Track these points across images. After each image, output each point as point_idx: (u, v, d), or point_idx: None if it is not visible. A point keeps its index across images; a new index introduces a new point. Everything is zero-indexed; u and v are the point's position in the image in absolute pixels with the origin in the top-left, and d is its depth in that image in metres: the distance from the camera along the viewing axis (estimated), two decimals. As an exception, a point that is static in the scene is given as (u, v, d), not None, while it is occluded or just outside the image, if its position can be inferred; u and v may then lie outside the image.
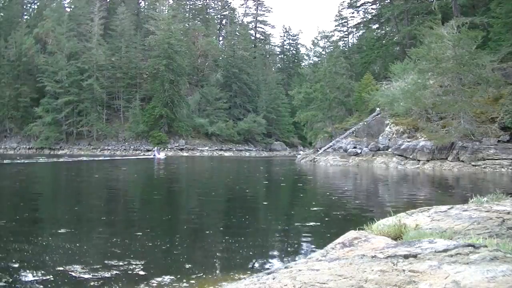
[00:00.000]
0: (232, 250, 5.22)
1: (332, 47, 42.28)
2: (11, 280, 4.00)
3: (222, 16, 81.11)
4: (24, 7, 70.01)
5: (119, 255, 4.81)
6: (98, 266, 4.35)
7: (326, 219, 7.75)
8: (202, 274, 4.13)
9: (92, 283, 3.87)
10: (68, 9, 64.50)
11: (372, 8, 53.79)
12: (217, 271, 4.20)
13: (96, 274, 4.09)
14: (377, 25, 51.99)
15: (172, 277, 4.02)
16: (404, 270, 2.29)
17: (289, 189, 14.52)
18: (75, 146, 54.02)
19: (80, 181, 16.23)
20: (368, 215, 7.19)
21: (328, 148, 32.34)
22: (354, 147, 29.29)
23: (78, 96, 54.50)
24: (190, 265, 4.50)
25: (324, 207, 9.28)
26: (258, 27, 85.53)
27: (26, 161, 28.82)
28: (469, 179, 16.37)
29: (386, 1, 47.02)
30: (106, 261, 4.49)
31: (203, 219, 7.85)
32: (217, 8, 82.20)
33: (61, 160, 32.16)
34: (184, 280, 3.95)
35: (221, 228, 7.02)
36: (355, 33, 60.37)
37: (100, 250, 5.22)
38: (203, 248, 5.38)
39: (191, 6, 78.25)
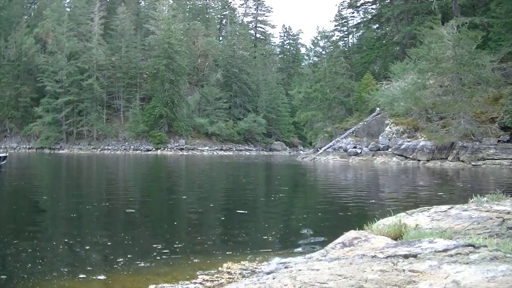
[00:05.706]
0: (231, 250, 5.22)
1: (332, 47, 42.28)
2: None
3: (222, 16, 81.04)
4: (24, 7, 69.98)
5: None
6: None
7: (326, 218, 7.75)
8: (201, 273, 4.13)
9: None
10: (68, 9, 64.41)
11: (372, 8, 53.79)
12: (217, 271, 4.20)
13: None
14: (377, 25, 52.00)
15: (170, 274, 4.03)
16: (404, 270, 2.29)
17: (289, 189, 14.52)
18: (75, 146, 54.06)
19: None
20: (368, 215, 7.18)
21: (328, 148, 32.36)
22: (354, 147, 29.31)
23: (78, 96, 54.54)
24: (189, 264, 4.51)
25: (325, 207, 9.27)
26: (258, 27, 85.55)
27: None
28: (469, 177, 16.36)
29: (386, 1, 46.98)
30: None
31: (201, 218, 7.85)
32: (217, 8, 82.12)
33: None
34: (183, 280, 3.95)
35: (220, 227, 7.02)
36: (355, 33, 60.31)
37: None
38: (201, 246, 5.38)
39: (191, 6, 78.13)
